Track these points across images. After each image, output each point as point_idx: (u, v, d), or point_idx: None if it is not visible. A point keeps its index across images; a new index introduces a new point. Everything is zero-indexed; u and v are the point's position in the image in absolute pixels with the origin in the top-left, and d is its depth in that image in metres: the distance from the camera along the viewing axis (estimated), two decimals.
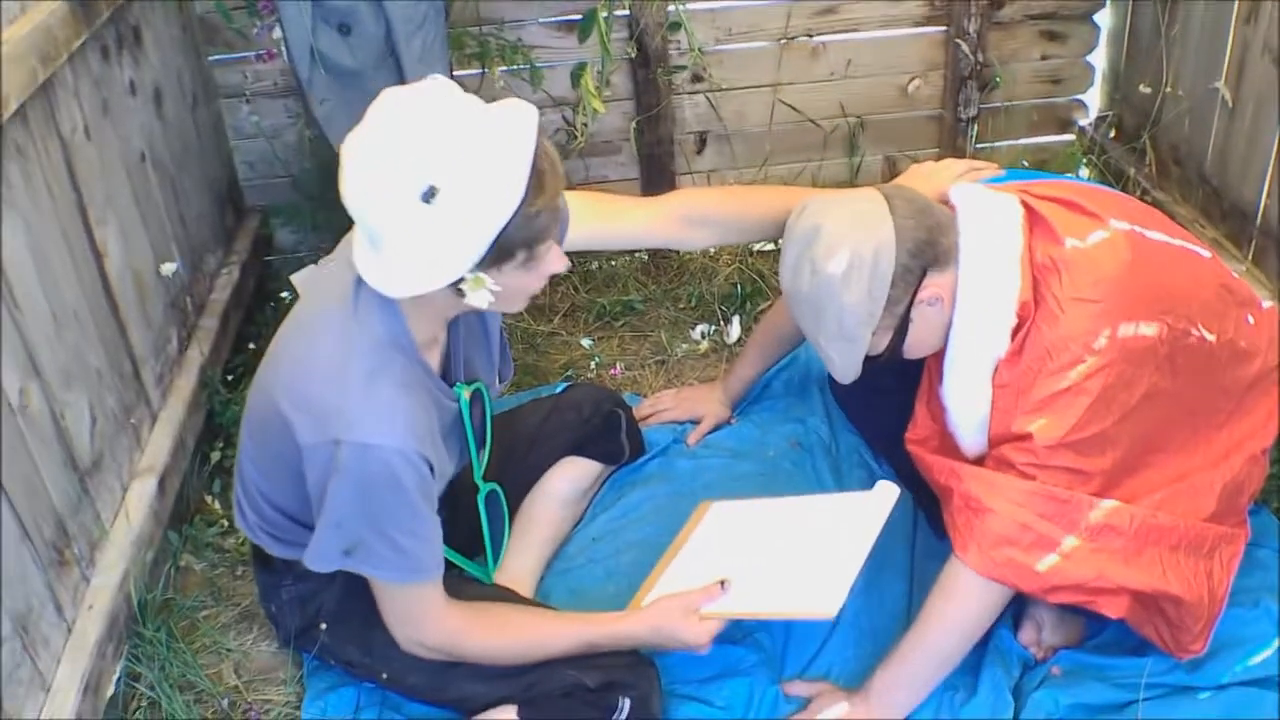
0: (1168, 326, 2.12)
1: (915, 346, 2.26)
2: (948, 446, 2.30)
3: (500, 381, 2.30)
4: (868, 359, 2.23)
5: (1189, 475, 2.21)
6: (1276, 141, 2.93)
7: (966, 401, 2.21)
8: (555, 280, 3.45)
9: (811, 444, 2.90)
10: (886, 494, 2.29)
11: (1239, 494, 2.30)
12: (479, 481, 2.29)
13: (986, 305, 2.15)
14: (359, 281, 1.92)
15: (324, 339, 1.95)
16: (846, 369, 2.23)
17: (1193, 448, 2.23)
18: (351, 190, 1.79)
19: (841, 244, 2.13)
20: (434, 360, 2.07)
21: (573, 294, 3.49)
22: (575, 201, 2.26)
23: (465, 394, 2.13)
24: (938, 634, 2.18)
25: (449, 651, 2.10)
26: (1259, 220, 3.05)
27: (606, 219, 2.42)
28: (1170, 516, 2.15)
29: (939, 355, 2.27)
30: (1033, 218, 2.20)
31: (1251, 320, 2.32)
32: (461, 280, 1.82)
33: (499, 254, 1.81)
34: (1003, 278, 2.15)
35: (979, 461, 2.23)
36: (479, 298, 1.84)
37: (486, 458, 2.28)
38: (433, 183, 1.73)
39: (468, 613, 2.10)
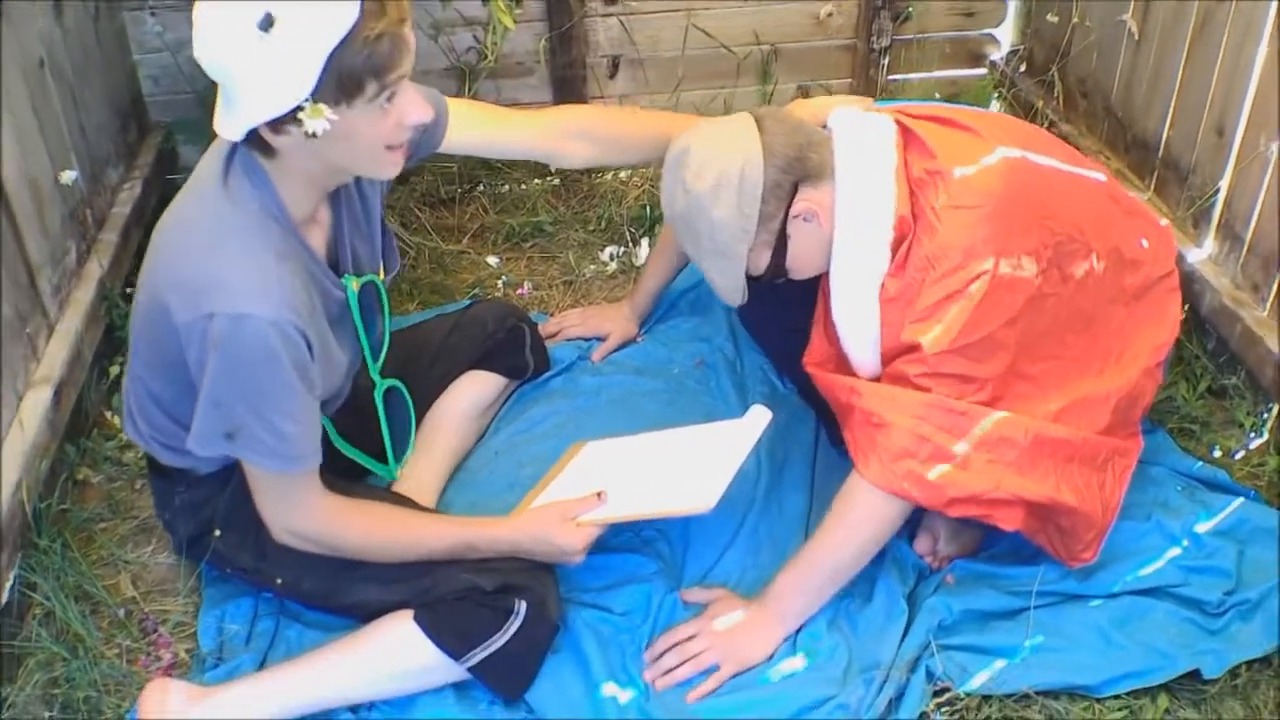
0: (1048, 261, 2.16)
1: (798, 265, 2.28)
2: (845, 368, 2.32)
3: (386, 272, 2.27)
4: (754, 279, 2.26)
5: (1083, 387, 2.25)
6: (1179, 73, 2.97)
7: (855, 320, 2.24)
8: (465, 200, 3.47)
9: (716, 362, 2.91)
10: (758, 417, 2.31)
11: (1133, 407, 2.35)
12: (375, 377, 2.27)
13: (863, 220, 2.19)
14: (228, 158, 1.91)
15: (196, 218, 1.93)
16: (729, 289, 2.26)
17: (1088, 356, 2.27)
18: (199, 39, 1.77)
19: (708, 162, 2.17)
20: (317, 243, 2.05)
21: (482, 214, 3.47)
22: (458, 107, 2.31)
23: (354, 285, 2.11)
24: (837, 546, 2.21)
25: (325, 543, 2.09)
26: (1161, 151, 3.09)
27: (487, 125, 2.41)
28: (1065, 428, 2.19)
29: (829, 276, 2.29)
30: (907, 135, 2.24)
31: (1145, 244, 2.36)
32: (299, 110, 1.77)
33: (345, 84, 1.77)
34: (878, 192, 2.18)
35: (875, 380, 2.25)
36: (316, 125, 1.78)
37: (384, 352, 2.26)
38: (269, 10, 1.71)
39: (345, 504, 2.09)
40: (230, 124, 1.82)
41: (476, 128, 2.36)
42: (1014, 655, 2.20)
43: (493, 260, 3.32)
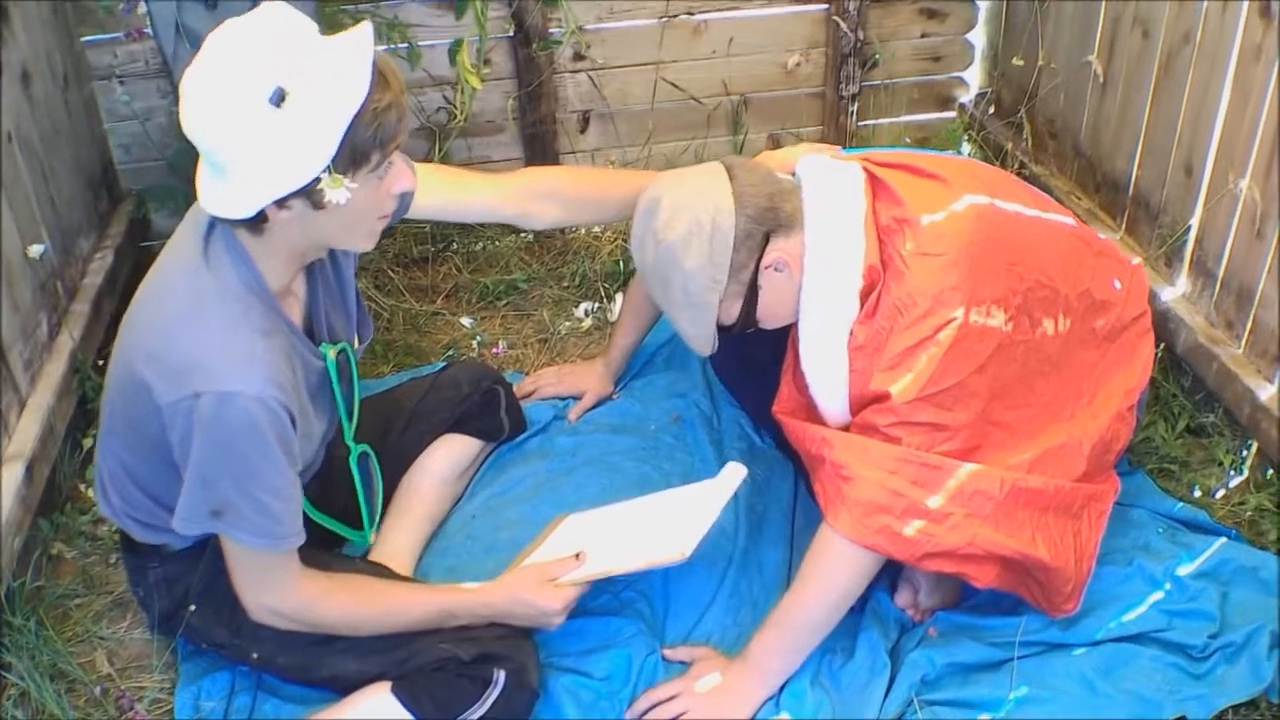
0: (1016, 309, 2.16)
1: (768, 315, 2.28)
2: (815, 416, 2.31)
3: (360, 342, 2.26)
4: (725, 330, 2.26)
5: (1056, 434, 2.24)
6: (1146, 113, 2.98)
7: (823, 368, 2.24)
8: (438, 260, 3.46)
9: (693, 418, 2.90)
10: (733, 473, 2.31)
11: (1106, 451, 2.34)
12: (350, 443, 2.26)
13: (832, 268, 2.18)
14: (208, 232, 1.90)
15: (175, 294, 1.92)
16: (700, 339, 2.26)
17: (1059, 401, 2.27)
18: (194, 113, 1.75)
19: (680, 211, 2.17)
20: (294, 315, 2.04)
21: (455, 274, 3.46)
22: (422, 171, 2.29)
23: (331, 353, 2.10)
24: (811, 601, 2.18)
25: (302, 620, 2.06)
26: (1131, 190, 3.10)
27: (453, 190, 2.41)
28: (1040, 478, 2.18)
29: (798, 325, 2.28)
30: (875, 183, 2.24)
31: (1118, 285, 2.36)
32: (317, 182, 1.77)
33: (353, 156, 1.78)
34: (847, 241, 2.18)
35: (844, 430, 2.24)
36: (338, 194, 1.78)
37: (356, 419, 2.25)
38: (280, 84, 1.71)
39: (322, 580, 2.07)
40: (234, 202, 1.80)
41: (440, 192, 2.36)
42: (999, 709, 2.17)
43: (466, 321, 3.31)
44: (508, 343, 3.24)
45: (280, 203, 1.80)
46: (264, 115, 1.71)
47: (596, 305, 3.35)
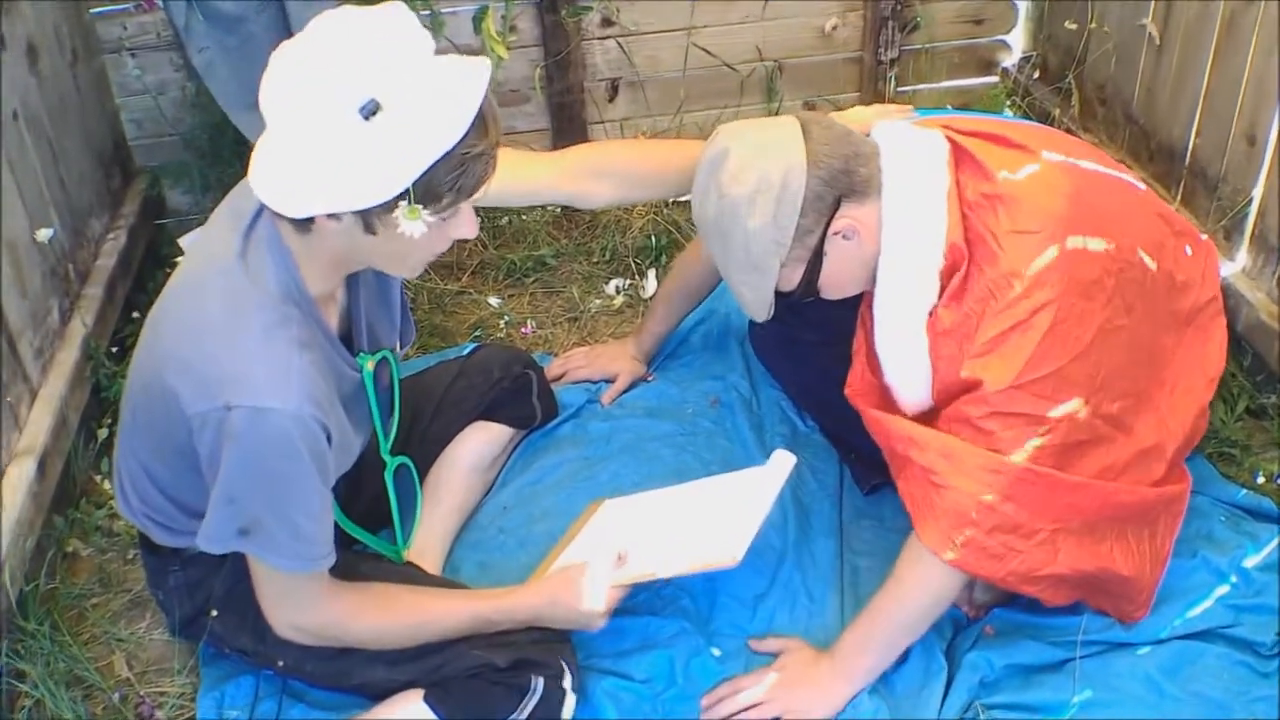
0: (1115, 244, 2.02)
1: (831, 284, 2.14)
2: (888, 400, 2.18)
3: (401, 346, 2.16)
4: (782, 297, 2.12)
5: (1148, 433, 2.12)
6: (1205, 78, 2.84)
7: (901, 353, 2.11)
8: None
9: (732, 401, 2.78)
10: (782, 463, 2.20)
11: (1186, 448, 2.24)
12: (386, 456, 2.15)
13: (912, 243, 2.04)
14: (247, 231, 1.79)
15: (210, 298, 1.79)
16: (757, 304, 2.13)
17: (1149, 394, 2.14)
18: (277, 96, 1.64)
19: (748, 167, 2.03)
20: (332, 320, 1.93)
21: (481, 250, 3.34)
22: None
23: (369, 364, 1.99)
24: (907, 601, 2.08)
25: (330, 637, 1.97)
26: (1188, 160, 2.97)
27: (511, 172, 2.28)
28: (1130, 487, 2.07)
29: (870, 303, 2.15)
30: (959, 154, 2.09)
31: (1189, 251, 2.24)
32: (393, 208, 1.66)
33: (425, 193, 1.66)
34: (929, 214, 2.03)
35: (920, 418, 2.12)
36: (413, 228, 1.67)
37: (394, 430, 2.14)
38: (376, 97, 1.60)
39: (351, 594, 1.97)
40: (295, 200, 1.67)
41: (499, 175, 2.23)
42: (1062, 713, 2.10)
43: (494, 300, 3.20)
44: (536, 322, 3.13)
45: (333, 213, 1.69)
46: (349, 124, 1.60)
47: (628, 282, 3.24)
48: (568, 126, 3.55)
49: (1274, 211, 2.66)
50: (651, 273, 3.23)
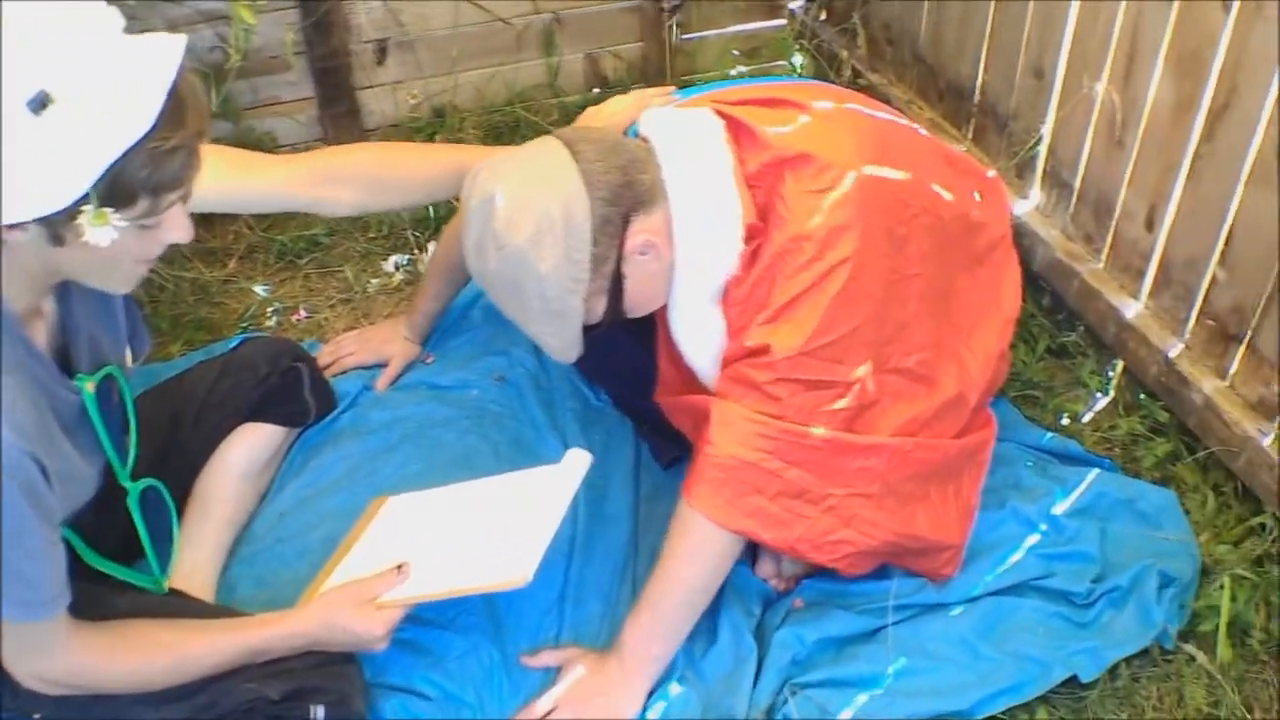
0: (911, 176, 1.95)
1: (636, 303, 2.00)
2: (697, 387, 2.06)
3: (134, 358, 1.93)
4: (588, 330, 1.98)
5: (948, 384, 2.06)
6: (991, 14, 2.78)
7: (694, 329, 1.99)
8: (227, 218, 3.10)
9: (518, 377, 2.62)
10: (578, 462, 2.06)
11: (988, 395, 2.19)
12: (126, 483, 1.94)
13: (709, 240, 1.92)
14: None
15: None
16: (566, 349, 1.99)
17: (945, 340, 2.07)
18: None
19: (523, 209, 1.85)
20: (40, 338, 1.70)
21: (247, 233, 3.10)
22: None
23: (89, 386, 1.77)
24: (682, 580, 1.97)
25: (82, 685, 1.77)
26: (977, 97, 2.91)
27: (234, 175, 2.13)
28: (930, 441, 2.00)
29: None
30: (734, 126, 1.96)
31: (979, 197, 2.17)
32: (75, 214, 1.46)
33: (114, 195, 1.46)
34: (720, 205, 1.91)
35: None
36: (101, 235, 1.47)
37: (134, 451, 1.93)
38: (46, 88, 1.39)
39: (101, 636, 1.77)
40: None
41: (221, 177, 2.03)
42: (878, 685, 2.03)
43: (259, 289, 2.97)
44: (310, 307, 2.92)
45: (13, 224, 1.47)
46: (16, 120, 1.39)
47: (408, 257, 3.04)
48: (335, 93, 3.32)
49: (1065, 147, 2.61)
50: (431, 246, 3.04)
